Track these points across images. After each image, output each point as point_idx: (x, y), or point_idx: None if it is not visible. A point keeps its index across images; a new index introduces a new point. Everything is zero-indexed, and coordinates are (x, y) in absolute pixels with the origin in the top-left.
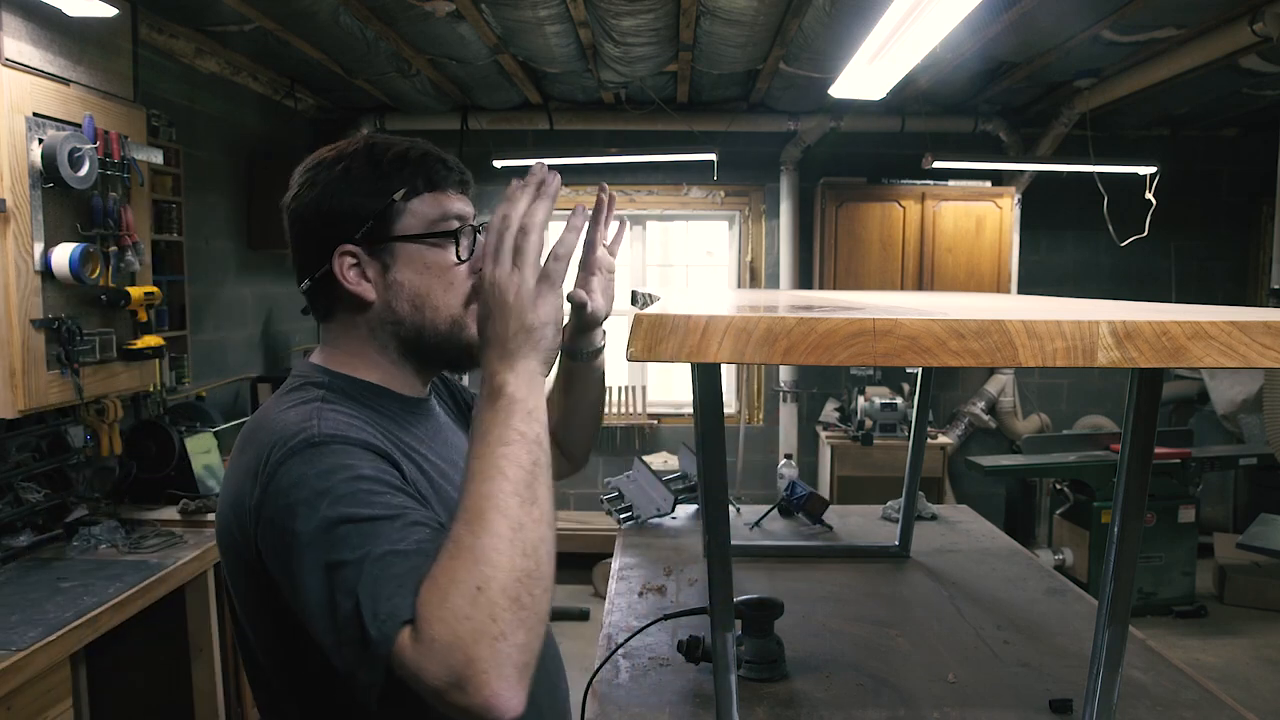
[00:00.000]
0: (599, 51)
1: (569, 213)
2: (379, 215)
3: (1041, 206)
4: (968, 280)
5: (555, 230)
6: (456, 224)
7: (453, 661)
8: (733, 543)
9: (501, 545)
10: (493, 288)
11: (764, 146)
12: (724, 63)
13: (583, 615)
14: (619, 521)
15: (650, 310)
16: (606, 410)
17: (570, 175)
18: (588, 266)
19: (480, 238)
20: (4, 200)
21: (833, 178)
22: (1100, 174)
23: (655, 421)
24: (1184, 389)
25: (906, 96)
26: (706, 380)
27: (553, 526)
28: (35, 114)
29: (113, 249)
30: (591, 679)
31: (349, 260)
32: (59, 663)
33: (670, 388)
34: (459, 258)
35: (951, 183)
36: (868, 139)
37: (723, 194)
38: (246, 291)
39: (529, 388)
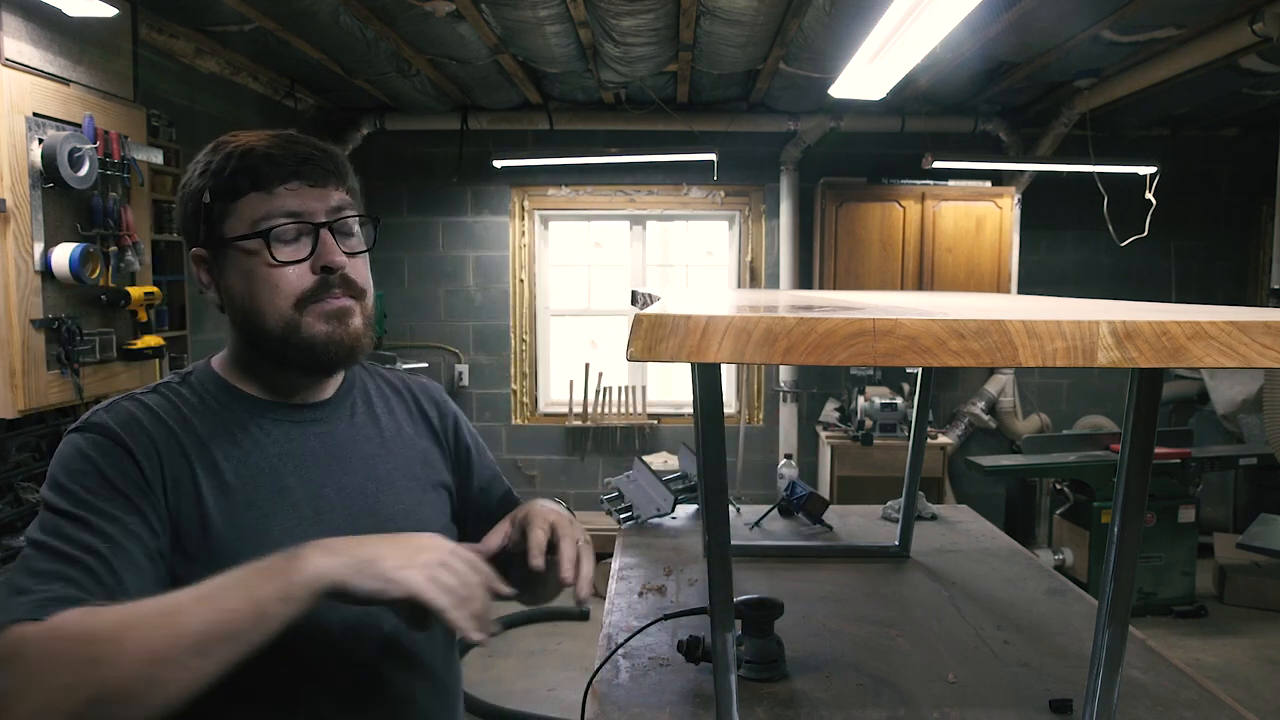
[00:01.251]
0: (599, 51)
1: (576, 212)
2: (207, 218)
3: (1041, 206)
4: (968, 280)
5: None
6: (282, 223)
7: (9, 678)
8: (733, 543)
9: (145, 656)
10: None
11: (764, 146)
12: (724, 63)
13: (583, 615)
14: (619, 521)
15: (650, 310)
16: (607, 411)
17: (570, 175)
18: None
19: (323, 234)
20: (4, 200)
21: (833, 178)
22: (1100, 174)
23: (655, 421)
24: (1184, 389)
25: (906, 96)
26: (706, 380)
27: (180, 697)
28: (35, 114)
29: (113, 249)
30: (591, 679)
31: (203, 265)
32: None
33: (670, 388)
34: (273, 259)
35: (951, 183)
36: (868, 139)
37: (723, 194)
38: None
39: (297, 604)
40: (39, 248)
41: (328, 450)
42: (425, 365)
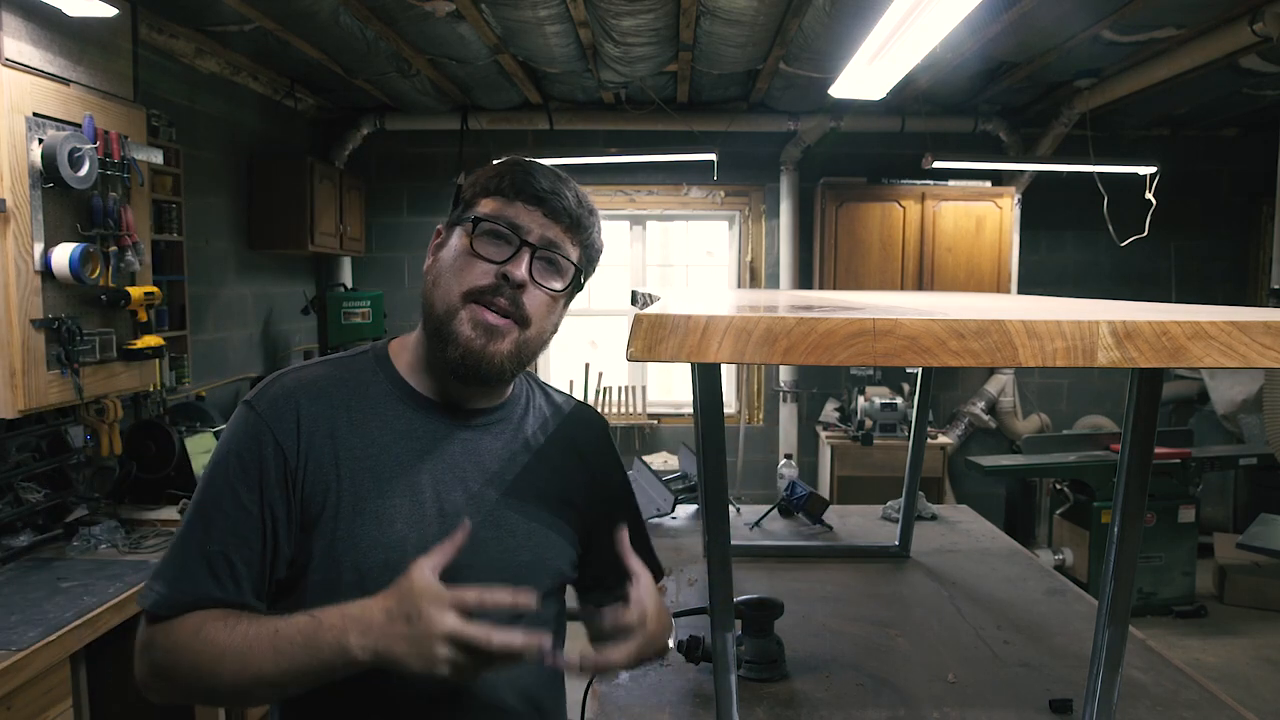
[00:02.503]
0: (599, 51)
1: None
2: (455, 201)
3: (1041, 206)
4: (968, 280)
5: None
6: (501, 225)
7: (143, 665)
8: (733, 543)
9: (232, 685)
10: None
11: (764, 146)
12: (724, 63)
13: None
14: None
15: (650, 310)
16: (607, 411)
17: (570, 175)
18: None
19: (523, 251)
20: (4, 200)
21: (833, 178)
22: (1100, 174)
23: (655, 421)
24: (1184, 389)
25: (906, 96)
26: (706, 380)
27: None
28: (35, 114)
29: (113, 249)
30: (592, 679)
31: (436, 238)
32: (59, 663)
33: (670, 388)
34: (472, 248)
35: (951, 183)
36: (868, 139)
37: (723, 194)
38: (246, 291)
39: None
40: (39, 248)
41: (469, 457)
42: None
